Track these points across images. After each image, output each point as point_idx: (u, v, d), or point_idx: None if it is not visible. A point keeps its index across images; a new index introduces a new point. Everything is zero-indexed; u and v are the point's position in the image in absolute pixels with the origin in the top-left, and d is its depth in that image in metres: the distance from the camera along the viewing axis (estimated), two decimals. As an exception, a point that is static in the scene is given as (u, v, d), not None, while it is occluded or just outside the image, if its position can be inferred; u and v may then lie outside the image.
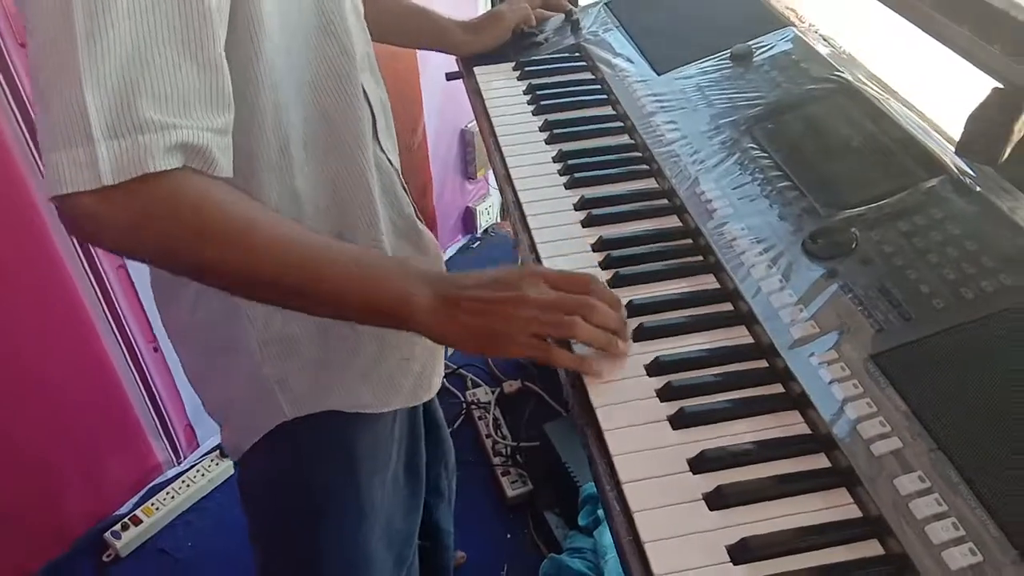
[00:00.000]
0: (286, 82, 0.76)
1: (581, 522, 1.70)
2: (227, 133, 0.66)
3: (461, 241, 2.75)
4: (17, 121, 1.41)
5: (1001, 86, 0.73)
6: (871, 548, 0.62)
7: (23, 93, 1.40)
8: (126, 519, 1.86)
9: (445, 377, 0.70)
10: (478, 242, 2.77)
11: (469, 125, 2.53)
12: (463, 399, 2.16)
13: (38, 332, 1.58)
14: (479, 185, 2.71)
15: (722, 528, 0.64)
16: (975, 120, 0.76)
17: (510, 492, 1.91)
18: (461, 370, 2.24)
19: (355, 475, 0.95)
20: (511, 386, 2.18)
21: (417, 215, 0.98)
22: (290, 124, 0.78)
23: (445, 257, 2.65)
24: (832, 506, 0.65)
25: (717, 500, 0.65)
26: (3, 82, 1.37)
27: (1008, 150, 0.74)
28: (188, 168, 0.63)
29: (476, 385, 2.21)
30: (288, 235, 0.70)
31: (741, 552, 0.62)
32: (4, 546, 1.68)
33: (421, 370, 0.97)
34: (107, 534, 1.83)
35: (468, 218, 2.74)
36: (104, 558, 1.83)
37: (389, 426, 0.99)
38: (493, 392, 2.17)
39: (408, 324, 0.72)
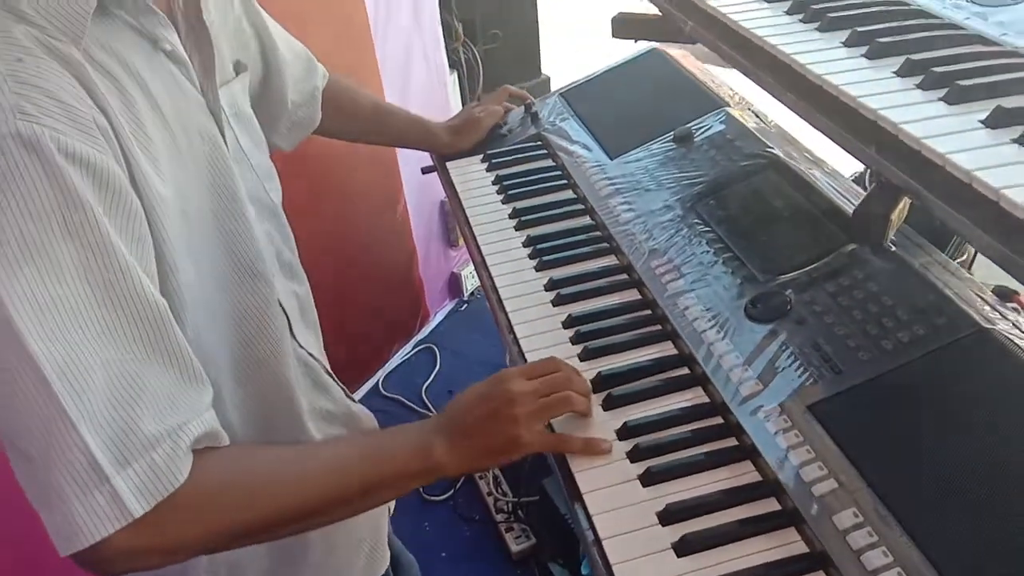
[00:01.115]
0: (206, 329, 0.76)
1: (584, 572, 1.78)
2: (210, 403, 0.67)
3: (449, 305, 2.86)
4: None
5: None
6: (819, 577, 0.72)
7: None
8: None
9: (442, 471, 0.78)
10: (465, 305, 2.88)
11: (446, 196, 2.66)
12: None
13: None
14: (462, 251, 2.83)
15: (690, 572, 0.73)
16: (861, 211, 0.89)
17: (514, 547, 1.99)
18: (458, 432, 2.32)
19: None
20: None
21: (348, 396, 1.02)
22: (216, 367, 0.78)
23: (436, 321, 2.76)
24: (783, 543, 0.75)
25: (683, 548, 0.75)
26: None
27: (890, 234, 0.86)
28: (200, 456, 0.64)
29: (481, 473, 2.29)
30: (319, 464, 0.73)
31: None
32: None
33: (372, 547, 1.02)
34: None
35: (454, 283, 2.86)
36: None
37: None
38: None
39: (435, 474, 0.77)
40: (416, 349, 2.66)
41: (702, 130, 1.24)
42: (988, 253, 0.58)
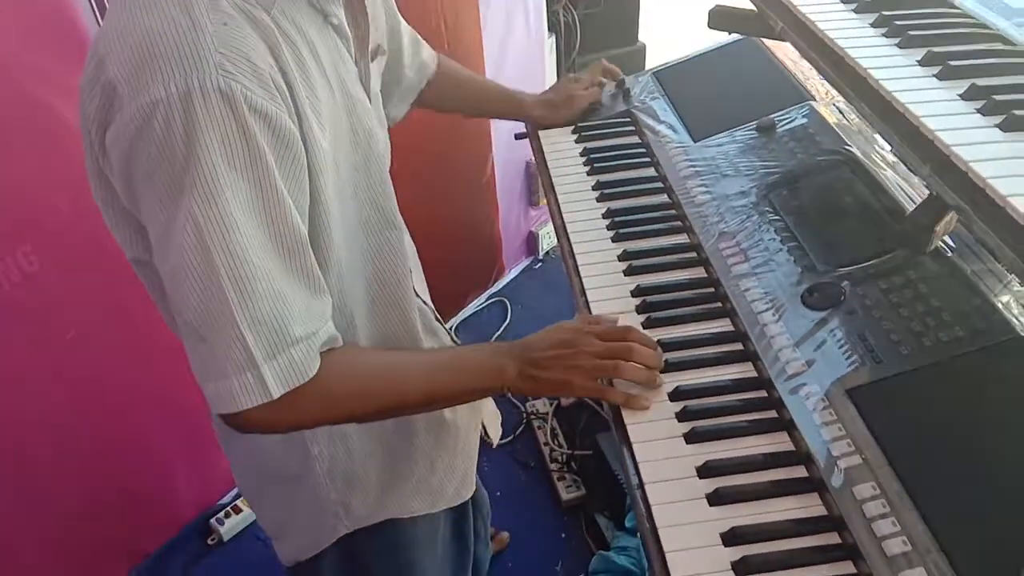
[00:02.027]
0: (348, 268, 0.91)
1: (628, 524, 1.90)
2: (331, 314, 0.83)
3: (524, 262, 2.98)
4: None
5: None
6: (831, 539, 0.81)
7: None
8: (229, 507, 2.12)
9: (508, 388, 0.92)
10: (540, 263, 2.99)
11: (533, 159, 2.76)
12: (524, 410, 2.38)
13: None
14: (541, 211, 2.94)
15: (717, 520, 0.84)
16: (911, 219, 0.95)
17: (565, 495, 2.12)
18: (522, 383, 2.46)
19: (408, 560, 1.13)
20: (567, 399, 2.38)
21: (453, 339, 1.18)
22: (354, 300, 0.94)
23: (510, 276, 2.88)
24: (805, 506, 0.84)
25: (715, 499, 0.85)
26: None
27: (935, 242, 0.93)
28: (327, 356, 0.80)
29: (536, 397, 2.42)
30: (409, 361, 0.92)
31: (732, 538, 0.82)
32: (124, 528, 1.95)
33: (463, 475, 1.18)
34: (213, 520, 2.10)
35: (531, 241, 2.97)
36: (209, 541, 2.10)
37: (437, 517, 1.16)
38: (551, 404, 2.38)
39: (502, 390, 0.93)
40: (490, 301, 2.80)
41: (785, 122, 1.30)
42: (1014, 270, 0.65)
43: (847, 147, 1.20)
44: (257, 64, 0.71)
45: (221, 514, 2.11)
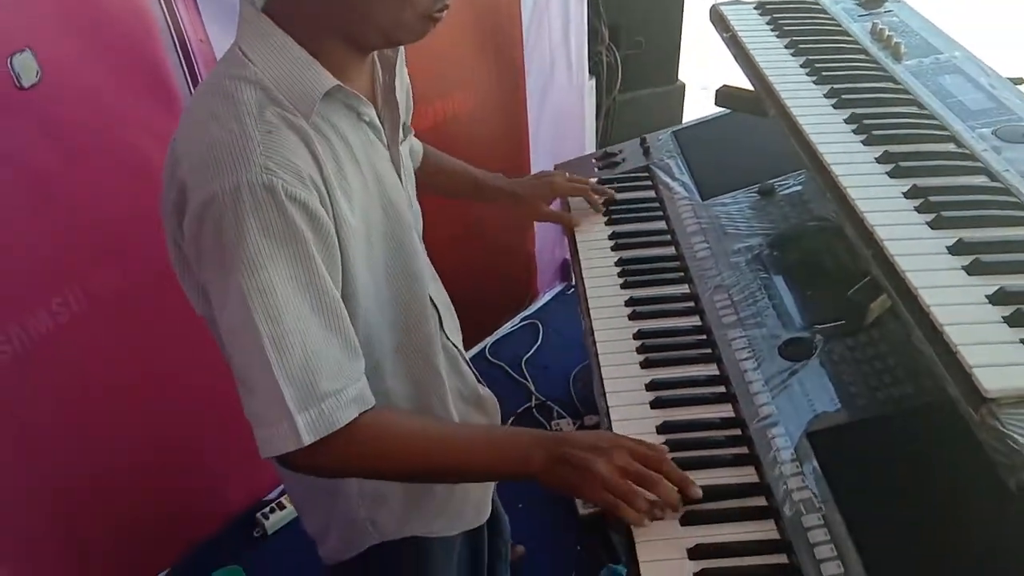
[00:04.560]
0: (376, 322, 1.03)
1: (636, 540, 2.04)
2: (363, 373, 0.93)
3: (558, 288, 3.15)
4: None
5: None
6: (780, 559, 0.97)
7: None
8: (274, 503, 2.31)
9: (534, 407, 1.01)
10: (572, 289, 3.15)
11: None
12: (548, 428, 2.53)
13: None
14: (576, 240, 3.10)
15: (683, 537, 0.99)
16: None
17: (582, 511, 2.26)
18: (549, 402, 2.62)
19: (428, 573, 1.26)
20: (591, 419, 2.53)
21: (479, 381, 1.27)
22: (381, 349, 1.05)
23: (543, 302, 3.05)
24: (763, 530, 1.00)
25: (685, 520, 1.01)
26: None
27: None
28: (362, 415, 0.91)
29: (560, 416, 2.58)
30: (442, 434, 1.03)
31: (696, 553, 0.97)
32: (173, 521, 2.12)
33: (479, 501, 1.30)
34: (258, 514, 2.29)
35: (564, 268, 3.14)
36: (254, 534, 2.28)
37: (455, 537, 1.29)
38: (575, 424, 2.53)
39: (526, 477, 0.99)
40: (523, 323, 2.97)
41: (784, 187, 1.46)
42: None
43: (834, 215, 1.35)
44: (295, 163, 0.87)
45: (267, 509, 2.29)
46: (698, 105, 3.01)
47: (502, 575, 1.66)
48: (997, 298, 0.79)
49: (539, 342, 2.88)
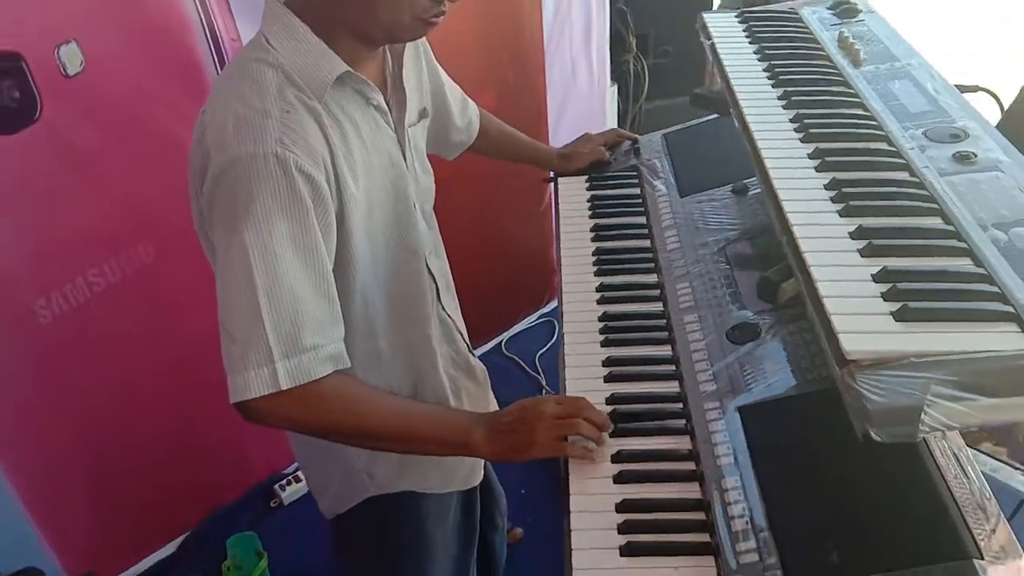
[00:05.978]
0: (372, 286, 1.13)
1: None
2: (343, 338, 1.03)
3: (578, 288, 3.24)
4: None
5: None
6: (699, 516, 1.05)
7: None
8: (291, 476, 2.46)
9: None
10: (592, 291, 3.24)
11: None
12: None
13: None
14: (597, 243, 3.19)
15: (615, 494, 1.09)
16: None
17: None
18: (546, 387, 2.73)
19: (424, 531, 1.35)
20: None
21: (470, 350, 1.39)
22: (375, 310, 1.15)
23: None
24: (686, 491, 1.08)
25: (619, 479, 1.10)
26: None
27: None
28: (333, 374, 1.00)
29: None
30: (394, 402, 1.14)
31: (623, 507, 1.07)
32: (199, 485, 2.28)
33: (472, 464, 1.40)
34: (276, 485, 2.44)
35: (585, 270, 3.23)
36: (271, 503, 2.43)
37: (449, 497, 1.40)
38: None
39: (470, 452, 1.12)
40: (539, 320, 3.07)
41: (756, 186, 1.53)
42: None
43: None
44: (308, 140, 0.99)
45: (284, 481, 2.44)
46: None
47: (498, 546, 1.77)
48: (880, 276, 0.87)
49: (554, 339, 2.98)
